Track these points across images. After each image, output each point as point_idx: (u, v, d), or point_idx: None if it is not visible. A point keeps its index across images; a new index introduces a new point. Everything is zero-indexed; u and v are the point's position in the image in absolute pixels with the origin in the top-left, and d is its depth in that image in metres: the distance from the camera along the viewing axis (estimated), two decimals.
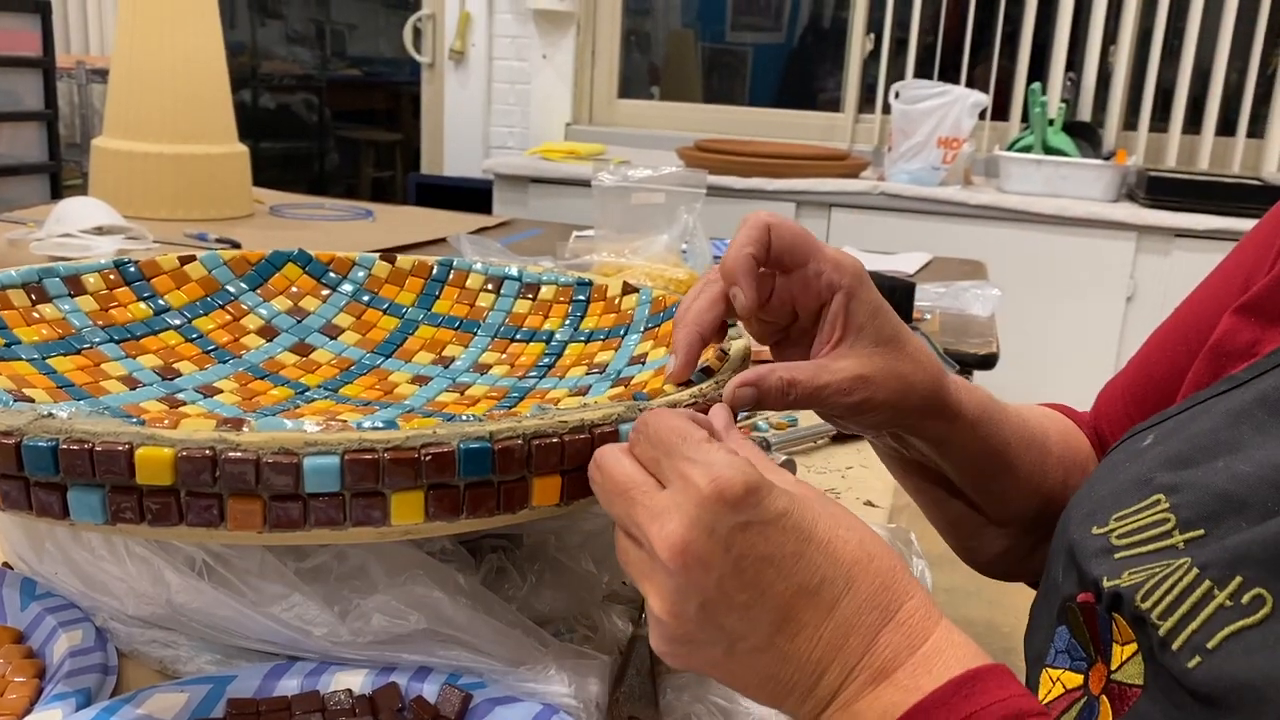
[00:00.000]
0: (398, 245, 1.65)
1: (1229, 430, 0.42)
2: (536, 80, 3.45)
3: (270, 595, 0.48)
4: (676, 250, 1.40)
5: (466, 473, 0.42)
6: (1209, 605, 0.35)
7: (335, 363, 0.68)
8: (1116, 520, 0.42)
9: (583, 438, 0.44)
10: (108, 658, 0.50)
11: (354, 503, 0.41)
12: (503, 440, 0.42)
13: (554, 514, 0.45)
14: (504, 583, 0.54)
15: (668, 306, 0.67)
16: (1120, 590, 0.39)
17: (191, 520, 0.40)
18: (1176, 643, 0.35)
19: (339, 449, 0.40)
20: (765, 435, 0.89)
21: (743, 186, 2.76)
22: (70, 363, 0.59)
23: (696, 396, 0.49)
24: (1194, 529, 0.39)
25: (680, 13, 3.93)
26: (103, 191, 1.74)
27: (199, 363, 0.64)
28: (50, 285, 0.63)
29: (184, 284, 0.69)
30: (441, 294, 0.74)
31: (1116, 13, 2.92)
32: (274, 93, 5.62)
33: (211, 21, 1.84)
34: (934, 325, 1.41)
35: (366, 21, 5.80)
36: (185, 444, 0.39)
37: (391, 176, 5.51)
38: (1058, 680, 0.42)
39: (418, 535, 0.44)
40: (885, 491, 0.83)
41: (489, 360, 0.69)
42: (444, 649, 0.49)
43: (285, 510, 0.41)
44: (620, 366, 0.64)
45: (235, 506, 0.40)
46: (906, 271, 1.77)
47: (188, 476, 0.39)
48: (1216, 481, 0.40)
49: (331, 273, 0.74)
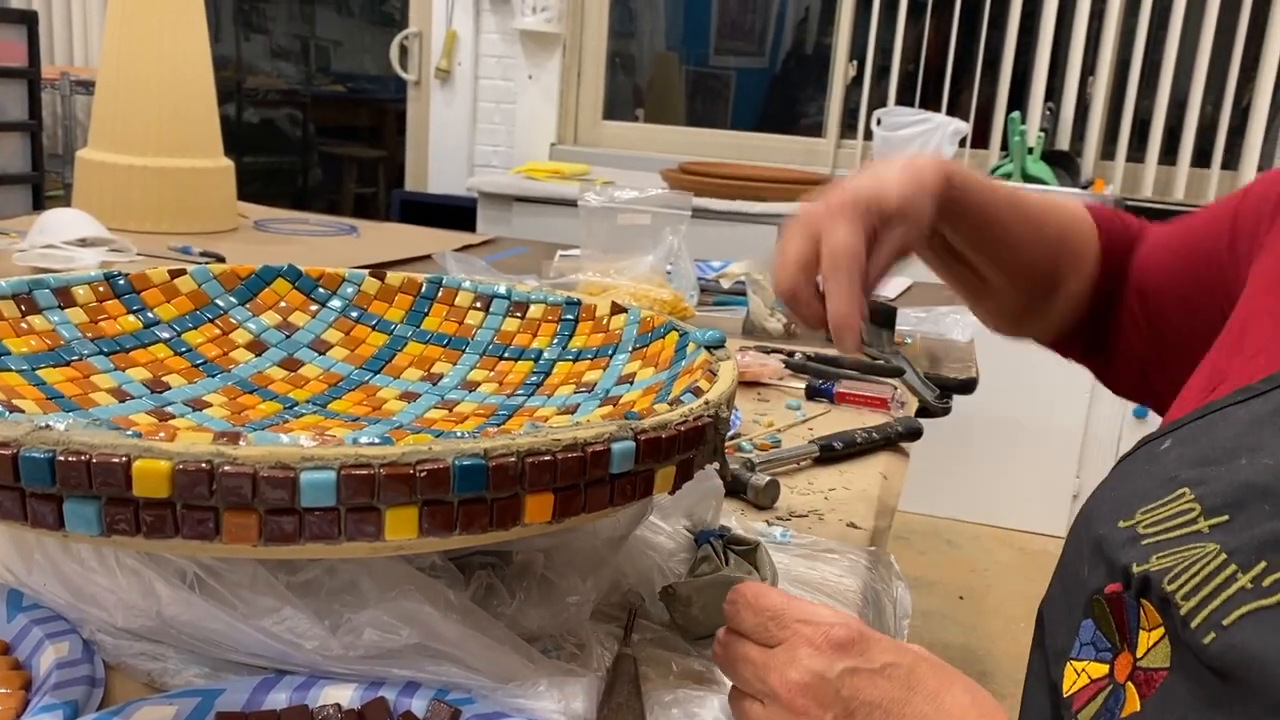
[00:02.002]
0: (383, 261, 1.65)
1: (1250, 435, 0.43)
2: (522, 100, 3.46)
3: (261, 608, 0.48)
4: (661, 271, 1.41)
5: (461, 489, 0.42)
6: (1231, 587, 0.37)
7: (323, 378, 0.69)
8: (1143, 514, 0.44)
9: (575, 456, 0.44)
10: (95, 670, 0.50)
11: (349, 518, 0.41)
12: (497, 457, 0.43)
13: (545, 531, 0.46)
14: (493, 599, 0.54)
15: (655, 327, 0.67)
16: (1150, 574, 0.40)
17: (187, 533, 0.41)
18: (1196, 620, 0.37)
19: (335, 464, 0.40)
20: (749, 456, 0.89)
21: (726, 209, 2.78)
22: (59, 374, 0.60)
23: (686, 416, 0.49)
24: (1219, 515, 0.40)
25: (665, 36, 3.96)
26: (86, 203, 1.74)
27: (188, 376, 0.65)
28: (40, 297, 0.63)
29: (174, 297, 0.69)
30: (430, 311, 0.74)
31: (1095, 44, 2.97)
32: (258, 107, 5.61)
33: (199, 35, 1.84)
34: (915, 349, 1.42)
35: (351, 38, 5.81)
36: (183, 457, 0.40)
37: (374, 193, 5.51)
38: (1083, 671, 0.43)
39: (411, 551, 0.44)
40: (868, 514, 0.84)
41: (477, 378, 0.69)
42: (433, 664, 0.50)
43: (280, 524, 0.41)
44: (609, 385, 0.65)
45: (231, 520, 0.40)
46: (887, 296, 1.78)
47: (184, 489, 0.40)
48: (1240, 474, 0.41)
49: (321, 288, 0.74)
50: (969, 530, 2.95)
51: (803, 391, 1.15)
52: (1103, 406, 2.81)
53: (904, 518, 2.92)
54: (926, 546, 2.85)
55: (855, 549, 0.75)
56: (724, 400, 0.53)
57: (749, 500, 0.83)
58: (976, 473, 2.94)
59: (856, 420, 1.06)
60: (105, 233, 1.55)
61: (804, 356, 1.25)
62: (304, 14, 5.78)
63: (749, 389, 1.15)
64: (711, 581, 0.60)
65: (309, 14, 5.78)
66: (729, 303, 1.58)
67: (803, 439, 0.96)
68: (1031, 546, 2.84)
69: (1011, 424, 2.87)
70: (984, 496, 2.96)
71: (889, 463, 0.97)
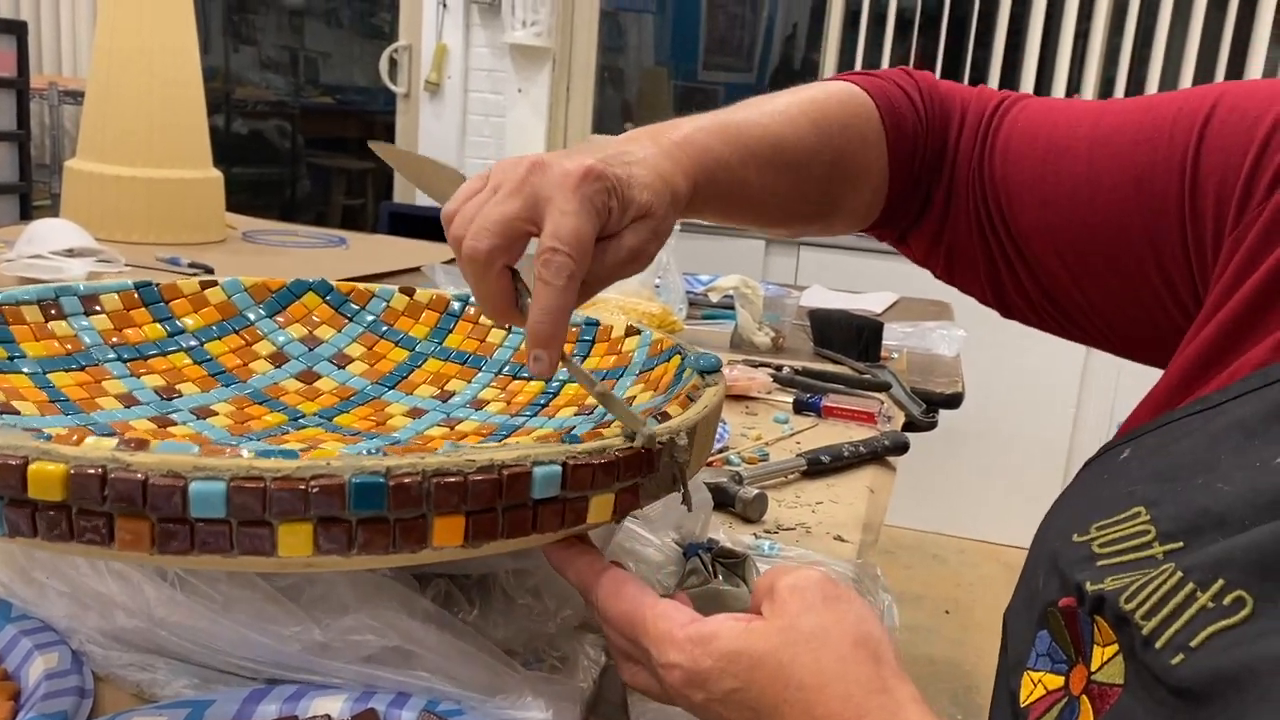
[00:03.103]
0: (372, 274, 1.66)
1: (1208, 452, 0.43)
2: (511, 114, 3.48)
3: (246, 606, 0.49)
4: (650, 285, 1.41)
5: (358, 507, 0.41)
6: (1192, 606, 0.37)
7: (337, 391, 0.69)
8: (1097, 529, 0.44)
9: (490, 478, 0.42)
10: (84, 681, 0.50)
11: (240, 530, 0.40)
12: (399, 476, 0.41)
13: (461, 555, 0.44)
14: (452, 607, 0.54)
15: (663, 350, 0.66)
16: (1104, 594, 0.40)
17: (82, 538, 0.40)
18: (1160, 641, 0.37)
19: (226, 475, 0.39)
20: (738, 469, 0.90)
21: (713, 224, 2.79)
22: (71, 378, 0.60)
23: (625, 450, 0.47)
24: (1174, 541, 0.40)
25: (654, 51, 3.98)
26: (74, 213, 1.73)
27: (203, 385, 0.65)
28: (67, 303, 0.63)
29: (202, 308, 0.69)
30: (455, 328, 0.74)
31: (1080, 64, 3.00)
32: (247, 118, 5.61)
33: (189, 46, 1.84)
34: (901, 364, 1.43)
35: (340, 50, 5.82)
36: (78, 461, 0.39)
37: (362, 205, 5.51)
38: (1039, 682, 0.43)
39: (319, 568, 0.43)
40: (854, 527, 0.84)
41: (488, 396, 0.69)
42: (420, 669, 0.50)
43: (172, 533, 0.40)
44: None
45: (123, 526, 0.40)
46: (874, 310, 1.79)
47: (78, 494, 0.39)
48: (1196, 497, 0.41)
49: (351, 303, 0.74)
50: (955, 544, 2.96)
51: (790, 405, 1.15)
52: (1088, 420, 2.83)
53: (890, 532, 2.93)
54: (913, 561, 2.86)
55: (842, 562, 0.75)
56: (683, 428, 0.50)
57: (737, 513, 0.83)
58: (962, 487, 2.95)
59: (843, 434, 1.06)
60: (93, 243, 1.54)
61: (791, 370, 1.26)
62: (293, 26, 5.79)
63: (737, 402, 1.16)
64: (700, 594, 0.60)
65: (298, 26, 5.79)
66: (717, 316, 1.59)
67: (790, 452, 0.97)
68: (1017, 561, 2.84)
69: (997, 438, 2.88)
70: (970, 511, 2.98)
71: (876, 476, 0.97)
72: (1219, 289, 0.50)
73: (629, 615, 0.46)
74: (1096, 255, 0.58)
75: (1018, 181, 0.61)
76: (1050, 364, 2.79)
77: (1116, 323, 0.60)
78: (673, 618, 0.45)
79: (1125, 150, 0.56)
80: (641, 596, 0.46)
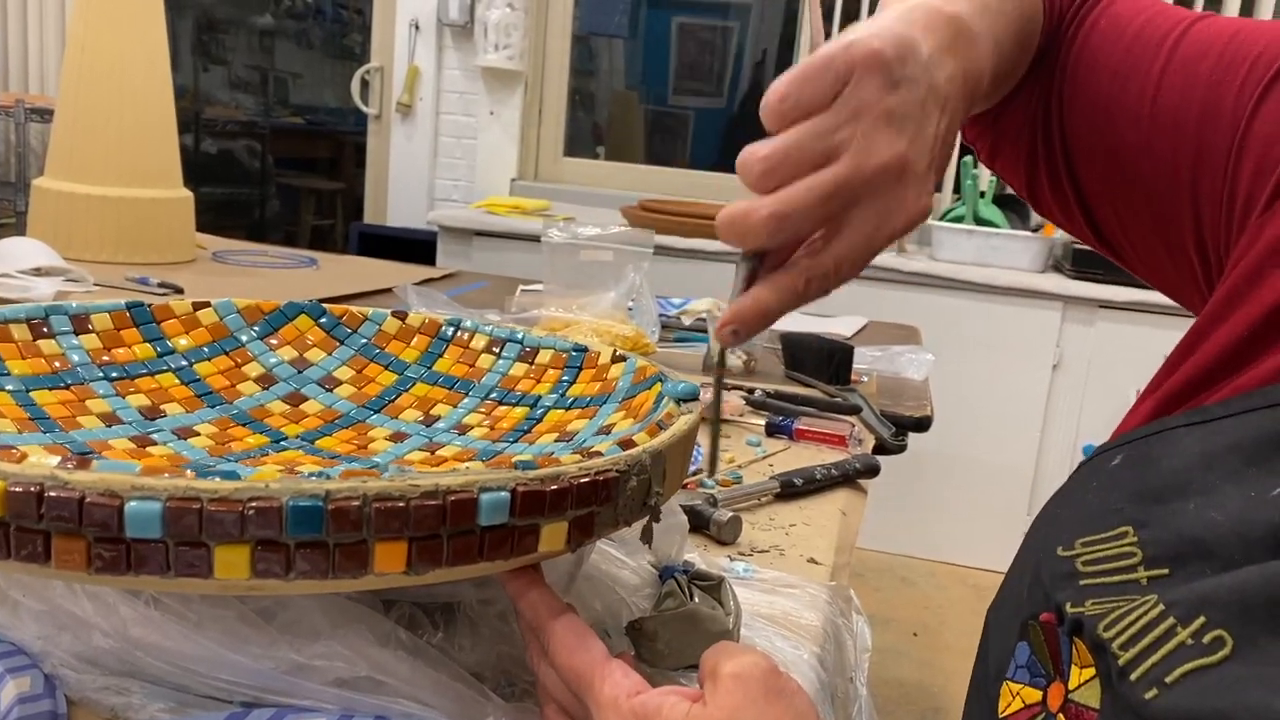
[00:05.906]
0: (343, 295, 1.65)
1: (1202, 473, 0.42)
2: (483, 136, 3.48)
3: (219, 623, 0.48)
4: (623, 307, 1.42)
5: (295, 530, 0.40)
6: (1170, 641, 0.36)
7: (322, 414, 0.68)
8: (1083, 545, 0.43)
9: (434, 504, 0.41)
10: (57, 705, 0.50)
11: (176, 551, 0.40)
12: (339, 500, 0.40)
13: (405, 582, 0.43)
14: (417, 629, 0.54)
15: (647, 377, 0.66)
16: (1083, 618, 0.40)
17: (19, 555, 0.40)
18: (1135, 674, 0.36)
19: (163, 495, 0.39)
20: (712, 492, 0.90)
21: (685, 246, 2.81)
22: (54, 397, 0.59)
23: (587, 470, 0.46)
24: (1159, 567, 0.40)
25: (625, 75, 4.01)
26: (41, 232, 1.72)
27: (188, 405, 0.64)
28: (56, 322, 0.63)
29: (194, 329, 0.69)
30: (444, 353, 0.74)
31: None
32: (216, 138, 5.58)
33: (161, 65, 1.84)
34: (871, 388, 1.45)
35: (311, 70, 5.81)
36: (16, 478, 0.39)
37: (332, 225, 5.49)
38: (1017, 695, 0.43)
39: (260, 592, 0.42)
40: (828, 549, 0.85)
41: (472, 421, 0.69)
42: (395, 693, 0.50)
43: (108, 553, 0.39)
44: (586, 436, 0.64)
45: (60, 545, 0.39)
46: (844, 334, 1.81)
47: (16, 511, 0.39)
48: (1186, 524, 0.40)
49: (343, 326, 0.74)
50: (923, 567, 2.98)
51: (763, 428, 1.16)
52: (1054, 444, 2.87)
53: (859, 554, 2.94)
54: (881, 584, 2.87)
55: (816, 584, 0.76)
56: (647, 455, 0.49)
57: (712, 536, 0.84)
58: (931, 510, 2.97)
59: (815, 457, 1.07)
60: (61, 262, 1.53)
61: (764, 393, 1.27)
62: (263, 46, 5.78)
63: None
64: (676, 616, 0.60)
65: (269, 46, 5.78)
66: (689, 339, 1.59)
67: (763, 475, 0.98)
68: (985, 583, 2.87)
69: (964, 461, 2.91)
70: (938, 533, 3.00)
71: (848, 499, 0.98)
72: (1237, 275, 0.48)
73: (581, 672, 0.46)
74: (1139, 191, 0.57)
75: (1086, 88, 0.59)
76: (1015, 390, 2.82)
77: (1143, 253, 0.59)
78: (621, 685, 0.45)
79: (1198, 83, 0.53)
80: (596, 654, 0.46)
